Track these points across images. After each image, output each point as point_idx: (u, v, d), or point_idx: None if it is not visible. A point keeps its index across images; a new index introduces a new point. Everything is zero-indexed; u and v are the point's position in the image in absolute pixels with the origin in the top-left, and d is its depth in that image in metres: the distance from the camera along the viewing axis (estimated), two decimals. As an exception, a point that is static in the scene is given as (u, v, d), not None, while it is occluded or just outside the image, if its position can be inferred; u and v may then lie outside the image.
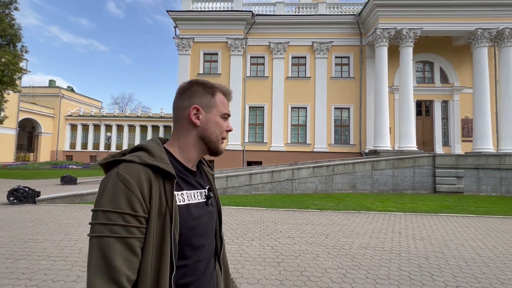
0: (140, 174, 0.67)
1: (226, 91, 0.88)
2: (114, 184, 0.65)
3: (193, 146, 0.82)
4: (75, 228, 4.89)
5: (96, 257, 0.61)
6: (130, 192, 0.65)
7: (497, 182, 10.92)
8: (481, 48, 15.73)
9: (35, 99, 29.68)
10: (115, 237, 0.62)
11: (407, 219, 6.15)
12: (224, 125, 0.85)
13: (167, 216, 0.69)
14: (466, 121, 17.91)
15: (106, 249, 0.61)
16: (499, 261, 3.70)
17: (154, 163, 0.70)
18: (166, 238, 0.68)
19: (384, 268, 3.41)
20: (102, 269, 0.60)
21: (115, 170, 0.68)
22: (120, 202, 0.64)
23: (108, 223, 0.62)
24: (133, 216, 0.64)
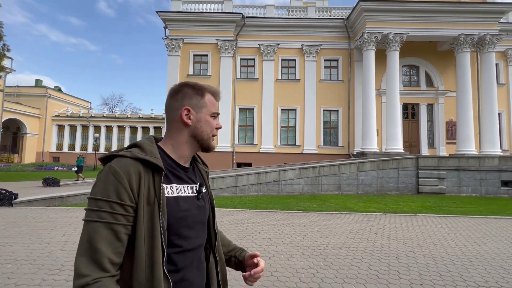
0: (129, 167, 0.74)
1: (215, 92, 0.93)
2: (106, 176, 0.73)
3: (185, 144, 0.88)
4: (48, 231, 4.79)
5: (83, 239, 0.68)
6: (118, 183, 0.71)
7: (477, 183, 11.22)
8: (464, 53, 16.18)
9: (20, 99, 28.97)
10: (102, 222, 0.68)
11: (386, 220, 6.25)
12: (214, 123, 0.91)
13: (155, 205, 0.75)
14: (450, 123, 18.35)
15: (92, 233, 0.68)
16: (465, 259, 3.81)
17: (144, 157, 0.76)
18: (155, 225, 0.74)
19: (354, 267, 3.46)
20: (87, 251, 0.67)
21: (109, 164, 0.75)
22: (109, 191, 0.70)
23: (97, 210, 0.69)
24: (119, 205, 0.70)
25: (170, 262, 0.78)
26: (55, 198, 7.50)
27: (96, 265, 0.66)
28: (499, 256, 3.99)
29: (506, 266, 3.61)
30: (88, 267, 0.65)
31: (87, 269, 0.65)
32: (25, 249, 3.91)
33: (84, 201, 7.79)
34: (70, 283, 2.93)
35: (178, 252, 0.80)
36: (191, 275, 0.82)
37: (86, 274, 0.65)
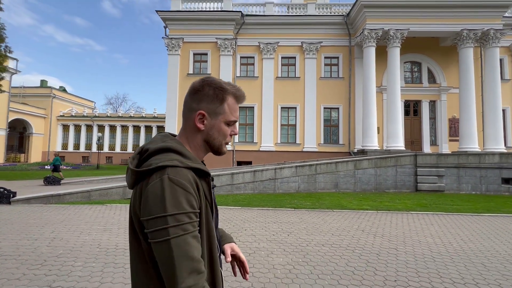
0: (189, 177, 0.75)
1: (239, 95, 0.88)
2: (171, 189, 0.71)
3: (200, 148, 0.88)
4: (39, 228, 4.91)
5: (179, 256, 0.68)
6: (187, 193, 0.72)
7: (477, 180, 11.04)
8: (466, 49, 15.89)
9: (26, 99, 29.53)
10: (188, 234, 0.70)
11: (377, 218, 6.22)
12: (228, 131, 0.88)
13: (208, 208, 0.80)
14: (453, 120, 18.07)
15: (185, 246, 0.69)
16: (447, 257, 3.77)
17: (195, 166, 0.77)
18: (211, 227, 0.80)
19: (332, 264, 3.47)
20: (186, 265, 0.68)
21: (165, 177, 0.72)
22: (183, 204, 0.71)
23: (180, 224, 0.70)
24: (194, 214, 0.73)
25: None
26: (52, 196, 7.65)
27: (196, 272, 0.69)
28: (482, 253, 3.94)
29: (487, 263, 3.57)
30: (193, 276, 0.68)
31: (192, 280, 0.67)
32: (13, 245, 4.02)
33: (80, 199, 7.93)
34: (49, 278, 3.01)
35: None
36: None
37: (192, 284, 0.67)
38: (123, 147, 30.87)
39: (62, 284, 2.87)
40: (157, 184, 0.72)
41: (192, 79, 18.21)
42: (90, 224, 5.20)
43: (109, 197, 8.20)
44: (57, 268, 3.26)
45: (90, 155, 29.99)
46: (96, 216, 5.91)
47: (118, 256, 3.66)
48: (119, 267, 3.30)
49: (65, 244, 4.08)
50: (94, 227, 5.03)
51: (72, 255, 3.66)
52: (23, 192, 8.66)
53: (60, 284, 2.86)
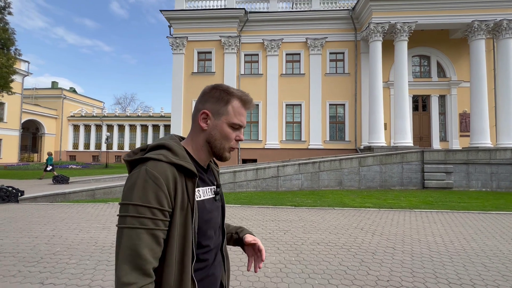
0: (167, 172, 0.73)
1: (246, 100, 0.87)
2: (144, 181, 0.71)
3: (201, 148, 0.87)
4: (41, 226, 5.03)
5: (126, 247, 0.67)
6: (158, 188, 0.71)
7: (487, 177, 10.67)
8: (478, 41, 15.36)
9: (38, 100, 30.36)
10: (144, 229, 0.68)
11: (378, 215, 6.09)
12: (231, 135, 0.86)
13: (189, 211, 0.76)
14: (464, 115, 17.54)
15: (135, 239, 0.67)
16: (446, 256, 3.65)
17: (179, 162, 0.75)
18: (188, 231, 0.75)
19: (325, 263, 3.41)
20: (130, 258, 0.66)
21: (144, 167, 0.73)
22: (149, 197, 0.70)
23: (138, 216, 0.68)
24: (159, 210, 0.70)
25: (199, 261, 0.80)
26: (57, 194, 7.84)
27: (141, 272, 0.66)
28: (484, 253, 3.80)
29: (488, 263, 3.43)
30: (132, 274, 0.65)
31: (131, 277, 0.65)
32: (14, 242, 4.13)
33: (85, 198, 8.10)
34: (43, 275, 3.07)
35: (205, 252, 0.83)
36: (215, 270, 0.87)
37: (131, 282, 0.65)
38: (132, 146, 31.36)
39: (54, 281, 2.92)
40: (135, 174, 0.73)
41: (196, 78, 18.30)
42: (90, 222, 5.30)
43: (113, 195, 8.34)
44: (51, 265, 3.32)
45: (100, 154, 30.61)
46: (97, 214, 6.01)
47: (112, 254, 3.71)
48: (112, 265, 3.33)
49: (63, 242, 4.16)
50: (94, 225, 5.12)
51: (69, 253, 3.73)
52: (32, 191, 8.90)
53: (52, 281, 2.92)
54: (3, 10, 12.50)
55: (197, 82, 18.34)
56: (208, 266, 0.84)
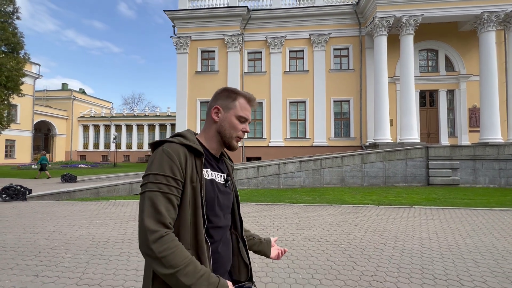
0: (178, 150, 0.89)
1: (250, 98, 1.04)
2: (161, 156, 0.88)
3: (213, 138, 1.02)
4: (43, 222, 5.22)
5: (148, 206, 0.82)
6: (171, 161, 0.87)
7: (495, 173, 10.38)
8: (487, 33, 14.89)
9: (49, 102, 31.23)
10: (160, 192, 0.84)
11: (376, 212, 6.04)
12: (239, 126, 1.02)
13: (198, 184, 0.90)
14: (473, 110, 17.08)
15: (154, 200, 0.83)
16: (437, 252, 3.60)
17: (188, 143, 0.92)
18: (197, 199, 0.89)
19: (312, 258, 3.42)
20: (152, 214, 0.81)
21: (161, 148, 0.90)
22: (164, 168, 0.86)
23: (156, 182, 0.84)
24: (172, 179, 0.86)
25: (207, 234, 0.92)
26: (63, 193, 8.09)
27: (161, 223, 0.81)
28: (477, 249, 3.73)
29: (479, 259, 3.37)
30: (157, 224, 0.80)
31: (156, 226, 0.80)
32: (16, 237, 4.31)
33: (90, 195, 8.33)
34: (39, 268, 3.20)
35: (212, 227, 0.95)
36: (222, 249, 0.98)
37: (157, 229, 0.79)
38: (139, 145, 31.88)
39: (48, 274, 3.05)
40: (155, 152, 0.91)
41: (200, 77, 18.44)
42: (90, 219, 5.46)
43: (117, 193, 8.54)
44: (48, 259, 3.46)
45: (109, 153, 31.25)
46: (98, 211, 6.19)
47: (106, 248, 3.83)
48: (104, 259, 3.45)
49: (62, 237, 4.32)
50: (93, 221, 5.28)
51: (66, 247, 3.87)
52: (42, 189, 9.22)
53: (46, 274, 3.04)
54: (11, 15, 12.92)
55: (201, 81, 18.48)
56: (213, 243, 0.94)
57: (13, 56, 12.76)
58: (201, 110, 18.53)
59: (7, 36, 12.36)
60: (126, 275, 3.01)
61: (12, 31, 12.88)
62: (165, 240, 0.79)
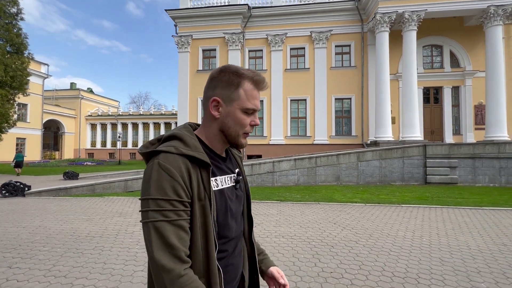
0: (179, 164, 0.72)
1: (257, 80, 0.81)
2: (158, 174, 0.70)
3: (215, 137, 0.84)
4: (33, 217, 5.42)
5: (156, 238, 0.68)
6: (173, 180, 0.70)
7: (495, 172, 10.09)
8: (494, 27, 14.43)
9: (58, 101, 32.08)
10: (167, 221, 0.69)
11: (360, 210, 5.99)
12: (246, 120, 0.82)
13: (207, 201, 0.75)
14: (479, 107, 16.61)
15: (162, 231, 0.68)
16: (406, 251, 3.57)
17: (189, 153, 0.74)
18: (208, 220, 0.75)
19: (279, 254, 3.45)
20: (163, 248, 0.68)
21: (156, 161, 0.72)
22: (166, 190, 0.70)
23: (160, 209, 0.69)
24: (178, 202, 0.71)
25: (219, 251, 0.80)
26: (60, 189, 8.35)
27: (177, 259, 0.68)
28: (449, 248, 3.67)
29: (447, 258, 3.32)
30: (172, 260, 0.67)
31: (171, 263, 0.67)
32: (2, 231, 4.51)
33: (86, 192, 8.57)
34: (14, 260, 3.34)
35: (225, 243, 0.82)
36: (235, 260, 0.86)
37: (173, 268, 0.67)
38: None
39: (21, 265, 3.19)
40: (149, 168, 0.73)
41: (201, 75, 18.56)
42: (77, 214, 5.64)
43: (112, 190, 8.75)
44: (25, 252, 3.62)
45: (116, 151, 31.89)
46: (88, 207, 6.37)
47: (83, 243, 3.96)
48: (78, 253, 3.57)
49: (45, 232, 4.49)
50: (80, 217, 5.45)
51: (45, 241, 4.03)
52: (42, 186, 9.53)
53: (19, 266, 3.19)
54: (16, 16, 13.35)
55: (202, 80, 18.59)
56: (227, 257, 0.83)
57: (17, 57, 13.19)
58: (202, 108, 18.70)
59: (11, 37, 12.79)
60: (93, 268, 3.12)
61: (16, 32, 13.31)
62: (184, 282, 0.67)
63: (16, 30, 13.30)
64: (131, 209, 6.12)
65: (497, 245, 3.76)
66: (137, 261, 3.29)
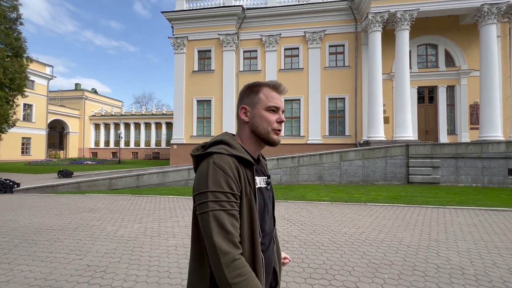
0: (230, 163, 0.84)
1: (274, 85, 0.96)
2: (214, 170, 0.82)
3: (249, 140, 0.96)
4: (8, 212, 5.79)
5: (215, 225, 0.78)
6: (227, 176, 0.82)
7: (478, 172, 10.01)
8: (488, 26, 14.24)
9: (63, 101, 33.04)
10: (223, 210, 0.79)
11: (323, 209, 6.13)
12: (272, 117, 0.94)
13: (252, 196, 0.87)
14: (475, 106, 16.39)
15: (220, 219, 0.78)
16: (336, 245, 3.72)
17: (238, 154, 0.87)
18: (253, 213, 0.86)
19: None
20: (221, 234, 0.77)
21: (211, 160, 0.84)
22: (222, 184, 0.81)
23: (217, 200, 0.80)
24: (231, 194, 0.82)
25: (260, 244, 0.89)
26: (47, 186, 8.75)
27: (232, 244, 0.78)
28: (381, 243, 3.80)
29: (370, 252, 3.46)
30: (229, 245, 0.77)
31: (229, 247, 0.76)
32: (-25, 224, 4.85)
33: (71, 189, 8.95)
34: (-28, 249, 3.65)
35: (263, 236, 0.92)
36: (269, 254, 0.97)
37: (229, 251, 0.76)
38: (147, 143, 33.03)
39: (-25, 254, 3.49)
40: (204, 166, 0.84)
41: (197, 76, 18.89)
42: (51, 210, 5.97)
43: (96, 188, 9.11)
44: (-16, 242, 3.93)
45: (118, 151, 32.62)
46: (64, 203, 6.71)
47: (42, 235, 4.26)
48: (32, 243, 3.87)
49: (12, 225, 4.81)
50: (52, 212, 5.78)
51: (9, 233, 4.34)
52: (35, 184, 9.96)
53: (-27, 254, 3.48)
54: (15, 21, 13.97)
55: (197, 80, 18.93)
56: (265, 250, 0.93)
57: (16, 60, 13.80)
58: (197, 108, 19.03)
59: (11, 41, 13.39)
60: (38, 256, 3.40)
61: (16, 36, 13.91)
62: (238, 265, 0.77)
63: (15, 34, 13.91)
64: (103, 205, 6.42)
65: (430, 242, 3.86)
66: (81, 251, 3.56)
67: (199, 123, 18.98)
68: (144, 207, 6.27)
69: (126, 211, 5.86)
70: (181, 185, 10.05)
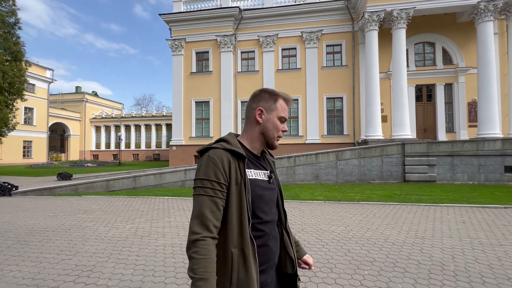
0: (222, 156, 0.96)
1: (287, 98, 1.10)
2: (206, 162, 0.96)
3: (256, 138, 1.08)
4: (5, 214, 5.88)
5: (195, 208, 0.92)
6: (216, 167, 0.94)
7: (474, 169, 10.00)
8: (485, 23, 14.22)
9: (64, 104, 33.27)
10: (206, 195, 0.92)
11: (315, 207, 6.17)
12: (280, 126, 1.08)
13: (242, 185, 0.97)
14: (473, 104, 16.34)
15: (201, 203, 0.92)
16: (321, 243, 3.76)
17: (231, 148, 0.99)
18: (242, 200, 0.96)
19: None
20: (198, 216, 0.91)
21: (206, 154, 0.98)
22: (209, 173, 0.94)
23: (202, 186, 0.93)
24: (217, 183, 0.94)
25: (255, 229, 0.99)
26: (44, 189, 8.85)
27: (204, 226, 0.89)
28: (366, 241, 3.83)
29: (354, 249, 3.50)
30: (199, 227, 0.88)
31: (198, 228, 0.88)
32: (-30, 226, 4.94)
33: (69, 191, 9.05)
34: (-35, 250, 3.73)
35: (260, 223, 1.01)
36: (271, 243, 1.04)
37: (198, 232, 0.88)
38: (147, 144, 33.18)
39: (-33, 255, 3.57)
40: (201, 159, 1.00)
41: (195, 77, 18.98)
42: (46, 212, 6.06)
43: (94, 189, 9.20)
44: (-22, 243, 4.01)
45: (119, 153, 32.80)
46: (59, 205, 6.80)
47: (34, 236, 4.34)
48: (24, 244, 3.95)
49: (7, 227, 4.90)
50: (47, 214, 5.86)
51: (1, 235, 4.42)
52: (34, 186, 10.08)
53: (-34, 255, 3.56)
54: (14, 25, 14.14)
55: (195, 81, 19.02)
56: (263, 236, 1.01)
57: (15, 64, 13.96)
58: (196, 110, 19.12)
59: (9, 45, 13.55)
60: (28, 257, 3.47)
61: (15, 40, 14.07)
62: (200, 244, 0.86)
63: (14, 39, 14.07)
64: (98, 207, 6.50)
65: (415, 239, 3.90)
66: (71, 251, 3.63)
67: (198, 124, 19.06)
68: (138, 208, 6.35)
69: (120, 212, 5.94)
70: (178, 186, 10.12)
